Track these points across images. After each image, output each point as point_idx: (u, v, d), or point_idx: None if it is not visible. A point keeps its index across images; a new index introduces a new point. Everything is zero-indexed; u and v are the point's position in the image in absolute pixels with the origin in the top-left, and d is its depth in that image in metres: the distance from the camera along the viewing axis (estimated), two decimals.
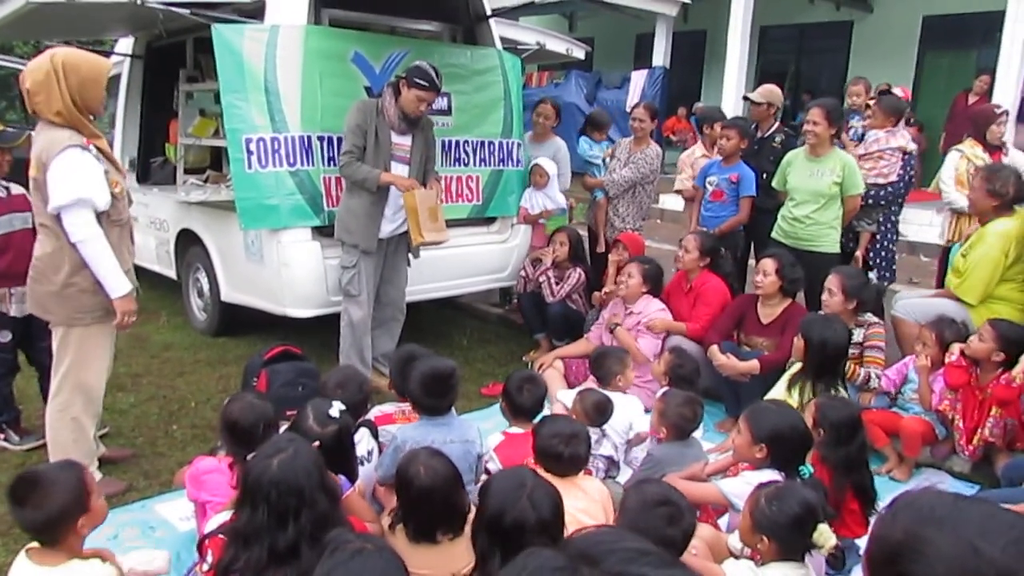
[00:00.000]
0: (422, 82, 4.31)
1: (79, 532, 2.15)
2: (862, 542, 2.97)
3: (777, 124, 5.59)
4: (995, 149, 5.14)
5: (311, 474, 2.09)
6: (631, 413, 3.66)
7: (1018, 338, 3.76)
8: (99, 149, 3.23)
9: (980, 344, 3.78)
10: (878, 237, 5.15)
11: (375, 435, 3.22)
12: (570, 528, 2.47)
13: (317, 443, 2.61)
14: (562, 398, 3.71)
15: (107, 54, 7.35)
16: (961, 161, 5.14)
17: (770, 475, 2.67)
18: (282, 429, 3.02)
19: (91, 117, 3.26)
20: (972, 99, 10.00)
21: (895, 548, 1.07)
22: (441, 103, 5.26)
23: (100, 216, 3.18)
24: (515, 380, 3.36)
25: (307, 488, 2.07)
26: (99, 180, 3.17)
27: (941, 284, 5.17)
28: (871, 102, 5.56)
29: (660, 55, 13.17)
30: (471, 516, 2.40)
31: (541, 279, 5.41)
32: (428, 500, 2.35)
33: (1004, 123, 5.22)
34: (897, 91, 5.87)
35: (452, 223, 5.44)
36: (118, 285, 3.23)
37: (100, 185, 3.16)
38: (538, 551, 1.71)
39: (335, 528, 2.07)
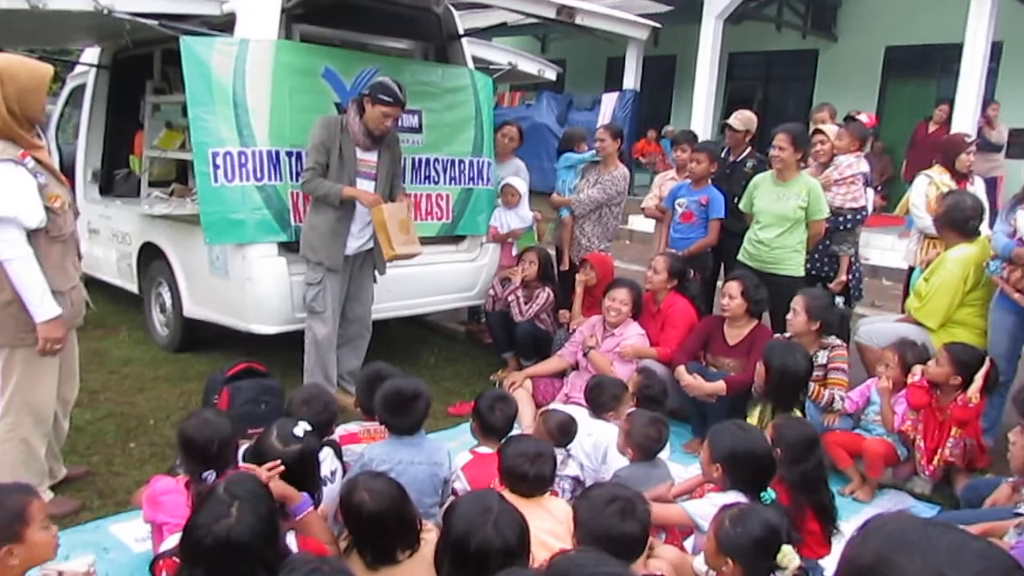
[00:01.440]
0: (386, 98, 4.29)
1: (5, 562, 2.02)
2: (825, 563, 2.99)
3: (749, 149, 5.67)
4: (962, 177, 5.25)
5: (249, 547, 1.98)
6: (608, 441, 3.54)
7: (972, 360, 3.85)
8: (38, 161, 3.08)
9: (937, 369, 3.85)
10: (852, 259, 5.23)
11: (339, 455, 3.18)
12: (536, 550, 2.46)
13: (280, 464, 2.56)
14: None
15: (72, 64, 7.27)
16: (930, 187, 5.24)
17: (735, 497, 2.67)
18: (243, 447, 2.98)
19: (33, 126, 3.12)
20: (932, 127, 10.25)
21: (863, 572, 1.06)
22: (411, 121, 5.26)
23: (37, 233, 3.05)
24: (486, 399, 3.34)
25: (244, 564, 1.98)
26: (30, 197, 3.01)
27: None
28: (823, 125, 5.65)
29: (631, 78, 13.33)
30: (430, 536, 2.37)
31: (510, 298, 5.40)
32: (380, 524, 2.30)
33: (973, 152, 5.32)
34: (863, 117, 5.97)
35: (421, 241, 5.43)
36: (44, 309, 3.07)
37: (31, 202, 3.01)
38: (518, 571, 1.69)
39: None
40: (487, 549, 1.98)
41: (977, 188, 5.22)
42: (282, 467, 2.55)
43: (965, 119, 9.07)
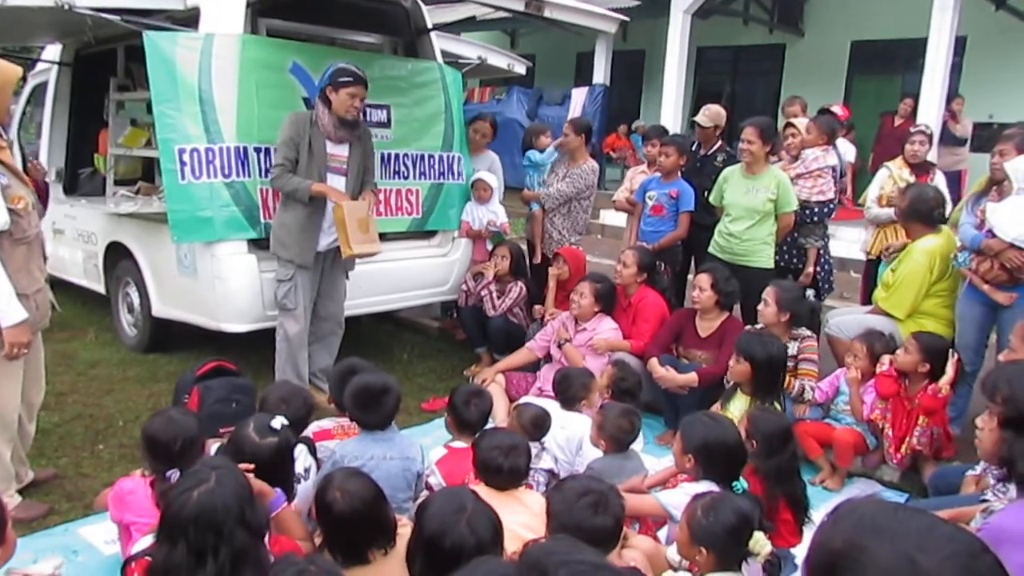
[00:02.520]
0: (347, 79, 4.24)
1: None
2: (797, 551, 3.02)
3: (720, 143, 5.70)
4: (921, 171, 5.30)
5: (230, 509, 1.98)
6: (582, 433, 3.54)
7: (940, 349, 3.91)
8: (1, 162, 3.03)
9: (906, 357, 3.91)
10: (820, 252, 5.28)
11: (313, 452, 3.16)
12: (511, 543, 2.46)
13: (251, 463, 2.53)
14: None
15: (34, 61, 7.13)
16: (888, 180, 5.33)
17: (707, 487, 2.69)
18: (215, 446, 2.94)
19: None
20: (898, 121, 10.38)
21: (833, 556, 1.07)
22: (380, 116, 5.23)
23: (0, 235, 2.99)
24: (461, 394, 3.34)
25: (226, 524, 1.97)
26: None
27: (866, 298, 5.33)
28: (795, 119, 5.70)
29: (600, 73, 13.38)
30: (405, 531, 2.36)
31: (483, 293, 5.39)
32: (350, 525, 2.29)
33: (918, 142, 5.39)
34: (836, 109, 6.02)
35: (392, 236, 5.41)
36: (10, 313, 3.02)
37: None
38: (488, 559, 1.68)
39: (254, 565, 1.98)
40: (461, 547, 1.96)
41: (938, 181, 5.30)
42: (252, 466, 2.52)
43: (930, 113, 9.21)
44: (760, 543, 2.26)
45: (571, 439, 3.54)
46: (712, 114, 5.65)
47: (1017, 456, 2.12)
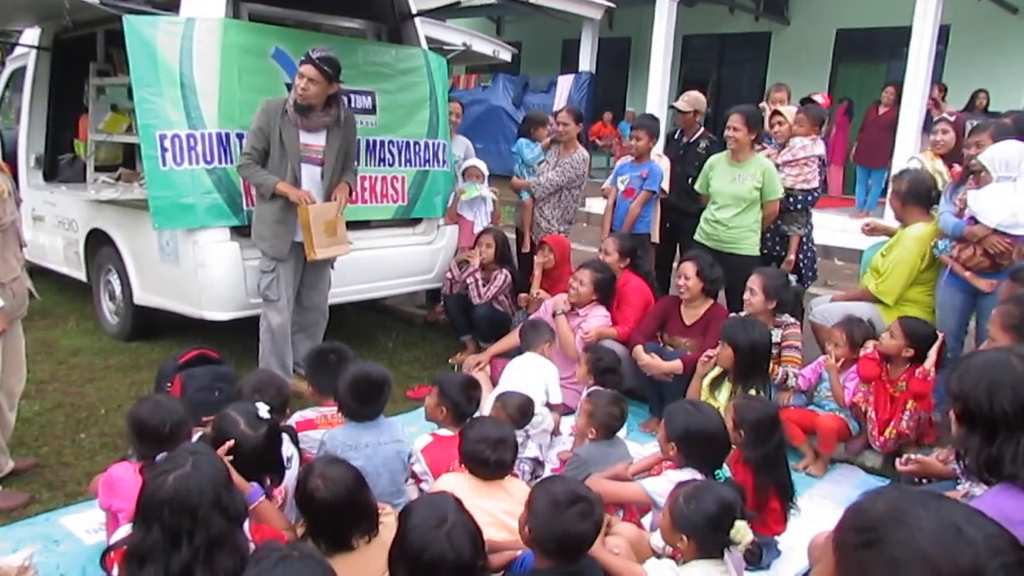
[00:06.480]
0: (301, 59, 4.19)
1: None
2: (781, 539, 3.05)
3: (702, 130, 5.70)
4: (955, 162, 5.18)
5: (205, 493, 1.97)
6: (547, 379, 3.69)
7: (925, 334, 3.93)
8: None
9: (892, 341, 3.93)
10: (803, 239, 5.29)
11: (295, 441, 3.14)
12: (495, 530, 2.46)
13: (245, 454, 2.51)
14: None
15: (12, 46, 7.03)
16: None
17: (691, 474, 2.70)
18: (196, 435, 2.92)
19: None
20: (882, 110, 10.40)
21: (876, 517, 1.09)
22: (365, 102, 5.19)
23: None
24: (457, 387, 3.31)
25: (200, 508, 1.95)
26: None
27: None
28: (781, 106, 5.68)
29: (586, 61, 13.35)
30: (389, 520, 2.35)
31: (468, 281, 5.38)
32: (334, 511, 2.28)
33: (940, 131, 5.28)
34: (819, 98, 6.00)
35: (377, 224, 5.38)
36: None
37: None
38: None
39: (230, 550, 1.96)
40: (439, 562, 1.95)
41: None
42: (231, 443, 2.50)
43: (913, 101, 9.25)
44: (741, 533, 2.27)
45: (539, 386, 3.61)
46: (691, 99, 5.66)
47: (967, 451, 2.11)
